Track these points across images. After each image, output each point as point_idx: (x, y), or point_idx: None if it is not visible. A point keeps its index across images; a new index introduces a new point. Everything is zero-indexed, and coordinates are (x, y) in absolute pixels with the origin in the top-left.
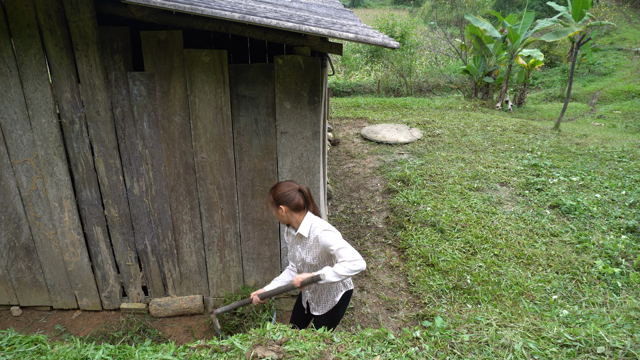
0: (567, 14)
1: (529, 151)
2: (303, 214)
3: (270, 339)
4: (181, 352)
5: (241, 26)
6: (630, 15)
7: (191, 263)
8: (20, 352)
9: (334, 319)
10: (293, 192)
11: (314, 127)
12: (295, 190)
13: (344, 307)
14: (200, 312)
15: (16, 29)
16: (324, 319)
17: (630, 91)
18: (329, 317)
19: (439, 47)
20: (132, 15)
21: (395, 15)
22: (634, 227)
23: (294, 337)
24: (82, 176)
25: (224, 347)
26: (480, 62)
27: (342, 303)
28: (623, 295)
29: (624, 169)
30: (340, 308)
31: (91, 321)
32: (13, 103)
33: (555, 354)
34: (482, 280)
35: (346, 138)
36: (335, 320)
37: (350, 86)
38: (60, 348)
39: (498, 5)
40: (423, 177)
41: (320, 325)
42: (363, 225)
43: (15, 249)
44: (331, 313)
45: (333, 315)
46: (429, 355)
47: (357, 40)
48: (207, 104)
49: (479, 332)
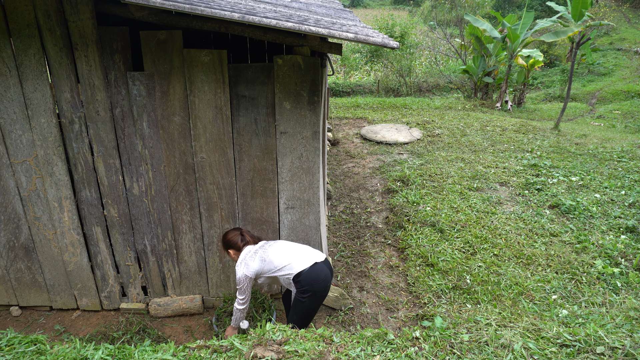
0: (567, 14)
1: (528, 151)
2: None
3: (270, 339)
4: (181, 352)
5: (241, 26)
6: (629, 16)
7: (191, 263)
8: (19, 352)
9: (295, 309)
10: (237, 235)
11: (314, 127)
12: (239, 233)
13: (304, 303)
14: (200, 312)
15: (15, 29)
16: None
17: (630, 91)
18: (293, 305)
19: (439, 47)
20: (131, 15)
21: (395, 15)
22: (633, 227)
23: (294, 337)
24: (81, 176)
25: (223, 347)
26: (479, 62)
27: (300, 296)
28: (622, 295)
29: (623, 169)
30: (299, 301)
31: (91, 321)
32: (12, 103)
33: (554, 353)
34: (482, 280)
35: (346, 138)
36: (296, 310)
37: (350, 86)
38: (59, 348)
39: (497, 5)
40: (423, 177)
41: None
42: (363, 225)
43: (14, 249)
44: (294, 302)
45: (295, 304)
46: (428, 355)
47: (357, 40)
48: (207, 104)
49: (478, 332)
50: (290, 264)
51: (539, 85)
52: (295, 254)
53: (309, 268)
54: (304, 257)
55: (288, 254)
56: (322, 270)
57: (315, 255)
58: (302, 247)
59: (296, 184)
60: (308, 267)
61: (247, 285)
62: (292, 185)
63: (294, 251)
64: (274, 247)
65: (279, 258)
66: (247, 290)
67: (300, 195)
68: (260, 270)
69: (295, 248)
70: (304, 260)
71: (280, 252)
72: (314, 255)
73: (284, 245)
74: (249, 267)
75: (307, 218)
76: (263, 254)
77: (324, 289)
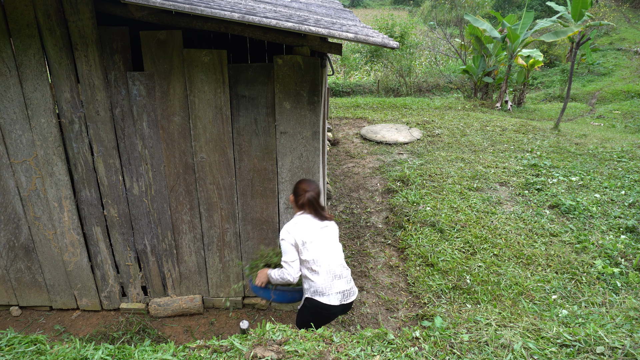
0: (567, 14)
1: (528, 151)
2: (297, 211)
3: (270, 339)
4: (181, 352)
5: (241, 26)
6: (629, 16)
7: (191, 263)
8: (19, 352)
9: (299, 315)
10: (303, 192)
11: (314, 127)
12: (306, 192)
13: (305, 314)
14: (199, 312)
15: (15, 29)
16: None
17: (630, 91)
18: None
19: (439, 47)
20: (131, 15)
21: (395, 15)
22: (633, 227)
23: (294, 337)
24: (81, 176)
25: (223, 347)
26: (479, 62)
27: (304, 308)
28: (622, 295)
29: (623, 169)
30: (302, 310)
31: (90, 321)
32: (12, 103)
33: (554, 353)
34: (482, 280)
35: (346, 138)
36: (299, 316)
37: (350, 86)
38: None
39: (497, 5)
40: (422, 177)
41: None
42: (363, 225)
43: (14, 249)
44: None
45: (299, 310)
46: (428, 355)
47: (357, 40)
48: (207, 104)
49: (478, 332)
50: (315, 283)
51: (538, 85)
52: (330, 277)
53: (330, 306)
54: (335, 290)
55: (323, 267)
56: (336, 315)
57: (348, 295)
58: (344, 274)
59: None
60: (330, 304)
61: (286, 248)
62: (292, 185)
63: (332, 272)
64: (317, 246)
65: (311, 261)
66: (288, 252)
67: None
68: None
69: (336, 270)
70: (334, 294)
71: (319, 258)
72: (348, 294)
73: (329, 257)
74: (284, 230)
75: None
76: (299, 236)
77: (326, 321)
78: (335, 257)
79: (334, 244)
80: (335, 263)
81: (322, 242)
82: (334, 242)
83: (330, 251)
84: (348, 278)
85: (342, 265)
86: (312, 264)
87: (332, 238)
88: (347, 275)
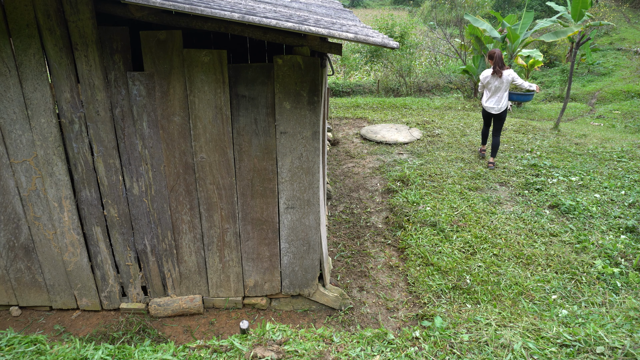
0: (567, 14)
1: (528, 151)
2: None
3: (270, 338)
4: (180, 352)
5: (241, 26)
6: (629, 16)
7: (191, 263)
8: (19, 352)
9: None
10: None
11: (314, 127)
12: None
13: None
14: (199, 312)
15: (15, 29)
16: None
17: (630, 91)
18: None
19: (439, 47)
20: (131, 15)
21: (395, 15)
22: (633, 227)
23: (294, 337)
24: (81, 176)
25: (223, 347)
26: (479, 62)
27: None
28: (622, 295)
29: (623, 169)
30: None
31: (90, 321)
32: (12, 103)
33: (554, 353)
34: (482, 280)
35: (346, 138)
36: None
37: (350, 86)
38: (59, 348)
39: (497, 6)
40: (422, 177)
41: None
42: (362, 225)
43: (14, 249)
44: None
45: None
46: (428, 355)
47: (357, 40)
48: (207, 104)
49: (478, 332)
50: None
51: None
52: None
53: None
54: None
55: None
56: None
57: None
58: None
59: (296, 184)
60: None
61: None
62: (292, 185)
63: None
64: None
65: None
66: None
67: (300, 195)
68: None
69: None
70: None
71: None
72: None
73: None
74: (481, 74)
75: (307, 218)
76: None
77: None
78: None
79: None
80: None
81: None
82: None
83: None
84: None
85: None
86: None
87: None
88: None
